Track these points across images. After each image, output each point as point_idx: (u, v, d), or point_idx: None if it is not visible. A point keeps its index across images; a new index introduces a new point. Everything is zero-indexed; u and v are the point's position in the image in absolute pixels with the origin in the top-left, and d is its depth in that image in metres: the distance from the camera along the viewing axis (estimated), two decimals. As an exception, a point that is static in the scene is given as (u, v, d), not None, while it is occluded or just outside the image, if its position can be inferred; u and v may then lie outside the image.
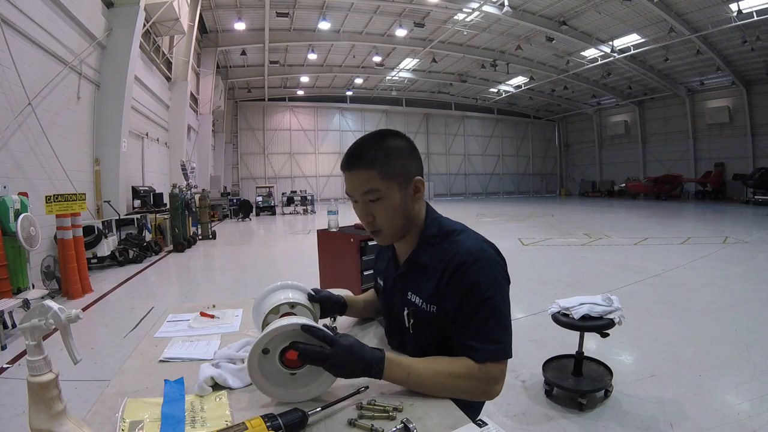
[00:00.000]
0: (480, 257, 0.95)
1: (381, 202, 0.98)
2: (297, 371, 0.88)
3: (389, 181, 0.97)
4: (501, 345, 0.92)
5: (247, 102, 24.08)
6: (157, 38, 10.91)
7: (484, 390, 0.92)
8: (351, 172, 0.99)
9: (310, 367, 0.87)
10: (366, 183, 0.97)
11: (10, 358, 3.12)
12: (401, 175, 0.99)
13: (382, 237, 1.05)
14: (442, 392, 0.89)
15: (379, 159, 0.97)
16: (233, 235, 12.03)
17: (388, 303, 1.16)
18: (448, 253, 0.97)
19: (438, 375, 0.90)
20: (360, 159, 0.98)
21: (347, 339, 0.87)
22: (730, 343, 3.07)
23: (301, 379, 0.88)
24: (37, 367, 0.69)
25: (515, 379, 2.59)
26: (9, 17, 5.10)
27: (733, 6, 13.36)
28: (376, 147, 0.98)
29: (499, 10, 14.20)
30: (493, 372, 0.91)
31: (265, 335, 0.84)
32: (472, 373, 0.91)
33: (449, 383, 0.90)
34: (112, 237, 6.99)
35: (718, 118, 20.81)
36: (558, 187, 32.08)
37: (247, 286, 5.61)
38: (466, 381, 0.90)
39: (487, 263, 0.95)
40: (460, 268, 0.94)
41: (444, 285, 0.96)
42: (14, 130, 5.19)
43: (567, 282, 5.12)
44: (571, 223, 12.15)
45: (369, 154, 0.97)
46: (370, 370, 0.87)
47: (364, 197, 0.99)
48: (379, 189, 0.97)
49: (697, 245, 7.42)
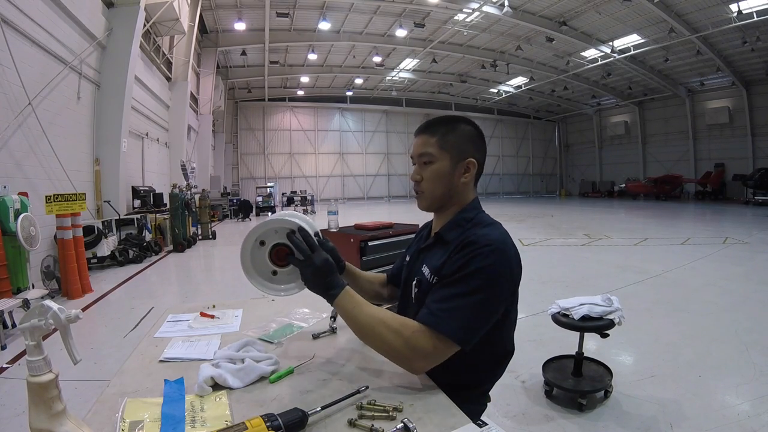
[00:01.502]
0: (496, 248, 0.95)
1: (430, 167, 1.09)
2: (279, 270, 1.04)
3: (443, 151, 1.08)
4: (453, 323, 0.90)
5: (247, 102, 24.07)
6: (157, 38, 10.90)
7: (406, 355, 0.91)
8: (418, 137, 1.13)
9: (290, 271, 1.04)
10: (424, 146, 1.10)
11: (10, 358, 3.12)
12: (456, 150, 1.08)
13: (421, 200, 1.14)
14: (371, 337, 0.94)
15: (441, 131, 1.10)
16: (233, 235, 12.03)
17: (408, 275, 1.21)
18: (470, 236, 1.00)
19: (373, 319, 0.93)
20: (427, 128, 1.12)
21: (325, 257, 0.98)
22: (730, 344, 3.07)
23: (279, 279, 1.06)
24: (37, 367, 0.69)
25: (515, 380, 2.59)
26: (9, 17, 5.10)
27: (733, 6, 13.35)
28: (445, 123, 1.11)
29: (499, 10, 14.19)
30: (422, 342, 0.90)
31: (270, 221, 1.01)
32: (403, 331, 0.91)
33: (378, 330, 0.92)
34: (112, 237, 6.99)
35: (718, 118, 20.79)
36: (558, 188, 32.06)
37: (247, 286, 5.55)
38: (393, 335, 0.91)
39: (498, 258, 0.95)
40: (471, 246, 0.96)
41: (450, 256, 0.99)
42: (14, 130, 5.18)
43: (567, 282, 5.11)
44: (571, 223, 12.15)
45: (436, 126, 1.11)
46: (328, 291, 0.97)
47: (419, 159, 1.11)
48: (433, 154, 1.08)
49: (697, 246, 7.42)
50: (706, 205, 18.34)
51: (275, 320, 1.37)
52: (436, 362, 0.92)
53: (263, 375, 0.96)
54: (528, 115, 30.79)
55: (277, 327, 1.32)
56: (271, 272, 1.06)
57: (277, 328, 1.31)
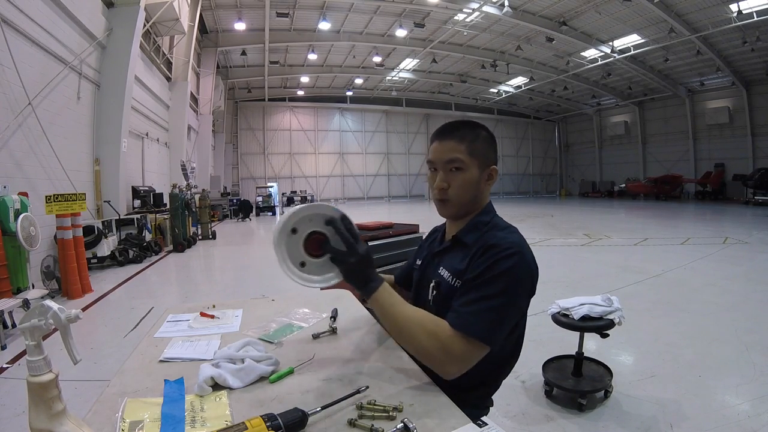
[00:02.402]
0: (517, 252, 0.98)
1: (460, 173, 1.07)
2: (310, 260, 0.98)
3: (473, 158, 1.07)
4: (483, 325, 0.92)
5: (247, 102, 24.07)
6: (157, 38, 10.90)
7: (441, 360, 0.91)
8: (442, 142, 1.09)
9: (322, 262, 0.97)
10: (453, 152, 1.07)
11: (10, 358, 3.12)
12: (483, 157, 1.09)
13: (447, 207, 1.12)
14: (407, 338, 0.94)
15: (468, 137, 1.08)
16: (233, 235, 12.04)
17: (421, 277, 1.20)
18: (491, 239, 1.02)
19: (411, 320, 0.94)
20: (453, 133, 1.09)
21: (367, 248, 0.96)
22: (730, 344, 3.07)
23: (308, 270, 0.98)
24: (37, 367, 0.69)
25: (515, 380, 2.59)
26: (9, 17, 5.10)
27: (733, 6, 13.35)
28: (469, 128, 1.10)
29: (499, 10, 14.19)
30: (457, 347, 0.91)
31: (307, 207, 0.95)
32: (439, 334, 0.92)
33: (415, 332, 0.93)
34: (112, 237, 6.99)
35: (718, 118, 20.79)
36: (558, 188, 32.06)
37: (247, 286, 5.61)
38: (430, 339, 0.91)
39: (520, 261, 0.97)
40: (493, 249, 0.98)
41: (473, 259, 1.01)
42: (14, 130, 5.19)
43: (567, 282, 5.11)
44: (571, 223, 12.15)
45: (462, 131, 1.09)
46: (368, 284, 0.95)
47: (446, 165, 1.08)
48: (463, 161, 1.07)
49: (697, 246, 7.42)
50: (706, 205, 18.34)
51: (275, 320, 1.37)
52: (469, 366, 0.93)
53: (263, 375, 0.96)
54: (528, 115, 30.78)
55: (277, 327, 1.31)
56: (300, 263, 0.98)
57: (277, 328, 1.31)
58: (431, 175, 1.13)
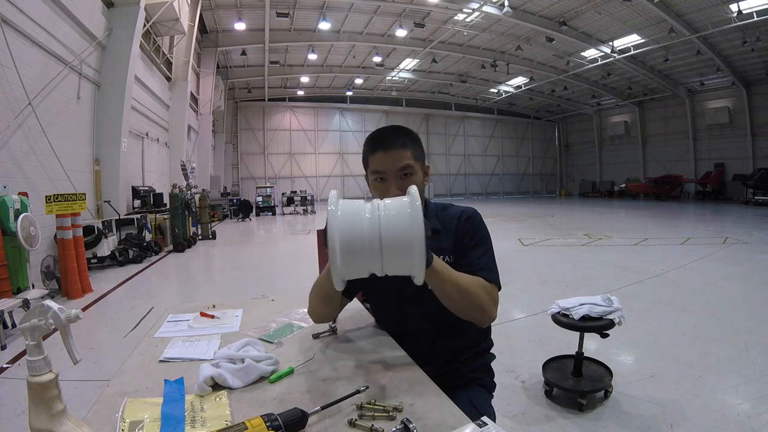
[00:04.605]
0: (477, 214, 1.23)
1: (411, 178, 1.14)
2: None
3: (417, 161, 1.16)
4: (495, 273, 1.14)
5: (247, 102, 24.07)
6: (157, 38, 10.90)
7: (490, 307, 1.09)
8: (388, 152, 1.14)
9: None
10: (403, 159, 1.13)
11: (10, 358, 3.12)
12: (422, 158, 1.20)
13: None
14: (469, 295, 1.04)
15: (410, 143, 1.16)
16: (233, 235, 12.04)
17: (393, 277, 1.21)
18: (455, 214, 1.22)
19: (469, 280, 1.06)
20: (395, 140, 1.15)
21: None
22: (730, 344, 3.07)
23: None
24: (37, 367, 0.69)
25: (515, 380, 2.59)
26: (9, 17, 5.10)
27: (733, 6, 13.35)
28: (405, 134, 1.17)
29: (499, 10, 14.19)
30: (495, 295, 1.12)
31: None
32: (487, 288, 1.09)
33: (477, 288, 1.06)
34: (112, 237, 6.99)
35: (718, 118, 20.78)
36: (558, 188, 32.05)
37: (247, 286, 5.61)
38: (485, 292, 1.08)
39: (481, 218, 1.24)
40: (470, 218, 1.20)
41: (460, 231, 1.18)
42: (14, 130, 5.19)
43: (567, 282, 5.11)
44: (571, 223, 12.15)
45: (402, 138, 1.16)
46: (430, 254, 0.95)
47: (398, 173, 1.14)
48: (412, 166, 1.14)
49: (697, 246, 7.42)
50: (706, 205, 18.34)
51: (275, 320, 1.37)
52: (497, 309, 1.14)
53: (263, 375, 0.96)
54: (528, 115, 30.78)
55: (277, 327, 1.32)
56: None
57: (277, 328, 1.31)
58: (379, 185, 1.15)
